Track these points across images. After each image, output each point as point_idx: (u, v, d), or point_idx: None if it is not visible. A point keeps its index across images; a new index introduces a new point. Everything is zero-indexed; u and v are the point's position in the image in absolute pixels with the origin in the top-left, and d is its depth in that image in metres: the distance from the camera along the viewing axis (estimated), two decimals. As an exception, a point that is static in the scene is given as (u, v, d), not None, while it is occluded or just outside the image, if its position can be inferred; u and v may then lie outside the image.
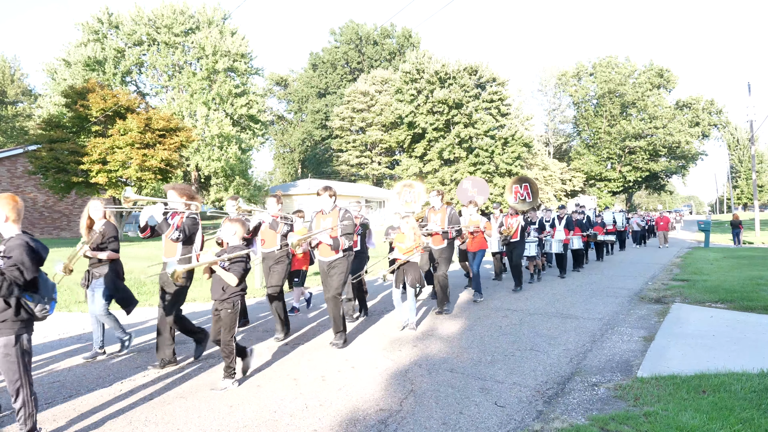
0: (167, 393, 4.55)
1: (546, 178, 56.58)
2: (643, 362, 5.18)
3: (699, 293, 9.11)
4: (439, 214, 7.97)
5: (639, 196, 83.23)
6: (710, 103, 57.75)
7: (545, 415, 3.96)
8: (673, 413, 3.72)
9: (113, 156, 22.10)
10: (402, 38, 67.85)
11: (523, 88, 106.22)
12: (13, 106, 53.39)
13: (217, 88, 39.49)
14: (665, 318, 7.22)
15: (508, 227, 10.21)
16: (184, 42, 41.18)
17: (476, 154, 47.17)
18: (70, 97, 23.71)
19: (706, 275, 11.69)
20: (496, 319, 7.47)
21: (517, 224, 10.15)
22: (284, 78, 72.39)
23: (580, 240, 13.36)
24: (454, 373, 5.00)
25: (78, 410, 4.16)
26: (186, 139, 25.08)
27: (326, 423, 3.89)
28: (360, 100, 56.34)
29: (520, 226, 10.20)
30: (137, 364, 5.47)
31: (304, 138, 67.14)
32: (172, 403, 4.30)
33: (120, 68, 40.58)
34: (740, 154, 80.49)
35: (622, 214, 21.31)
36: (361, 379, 4.88)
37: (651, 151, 57.56)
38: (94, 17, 40.48)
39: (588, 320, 7.37)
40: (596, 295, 9.64)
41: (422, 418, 3.92)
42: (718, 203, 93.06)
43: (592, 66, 61.56)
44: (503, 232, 10.15)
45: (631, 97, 56.97)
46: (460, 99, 47.34)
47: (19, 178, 25.71)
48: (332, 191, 6.35)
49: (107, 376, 5.04)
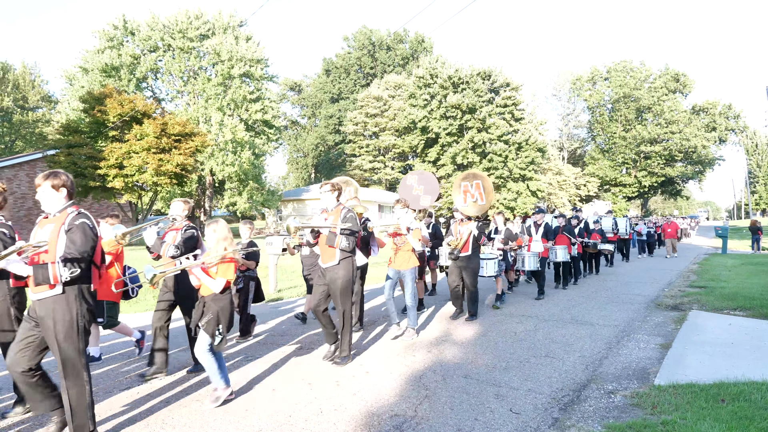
0: (184, 397, 4.59)
1: (560, 183, 56.26)
2: (661, 370, 5.12)
3: (717, 300, 8.99)
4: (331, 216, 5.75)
5: (655, 201, 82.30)
6: (728, 108, 56.99)
7: (561, 423, 3.94)
8: (691, 422, 3.67)
9: (130, 161, 22.38)
10: (415, 43, 67.96)
11: (537, 93, 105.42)
12: (33, 112, 54.34)
13: (231, 94, 39.80)
14: (682, 325, 7.13)
15: (457, 236, 7.99)
16: (199, 47, 41.60)
17: (490, 158, 47.03)
18: (87, 102, 24.08)
19: (724, 282, 11.52)
20: (510, 325, 7.43)
21: (468, 233, 7.88)
22: (298, 83, 72.83)
23: (566, 251, 11.12)
24: (468, 379, 4.98)
25: (95, 412, 4.20)
26: (201, 144, 25.33)
27: (341, 428, 3.89)
28: (373, 105, 56.46)
29: (472, 235, 7.89)
30: (154, 367, 5.51)
31: (317, 143, 67.41)
32: (188, 407, 4.34)
33: (136, 74, 41.10)
34: (759, 159, 79.44)
35: (626, 219, 19.03)
36: (375, 384, 4.88)
37: (667, 156, 56.93)
38: (110, 24, 41.08)
39: (604, 327, 7.30)
40: (612, 301, 9.55)
41: (437, 424, 3.92)
42: (736, 209, 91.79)
43: (607, 70, 61.11)
44: (450, 243, 7.96)
45: (646, 101, 56.43)
46: (473, 104, 47.27)
47: (38, 183, 26.10)
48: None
49: (124, 380, 5.10)
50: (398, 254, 6.72)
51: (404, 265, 6.68)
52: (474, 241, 7.86)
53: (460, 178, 8.81)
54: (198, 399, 4.51)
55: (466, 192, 8.63)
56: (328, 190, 5.70)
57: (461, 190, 8.70)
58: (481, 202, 8.55)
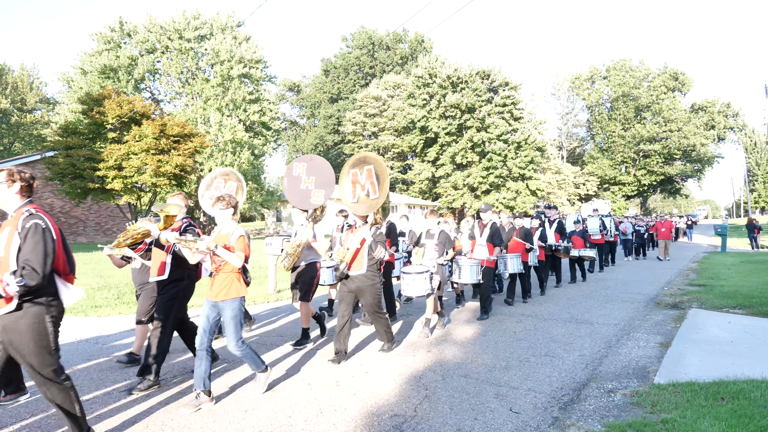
0: (183, 398, 4.58)
1: (559, 182, 56.30)
2: (660, 368, 5.12)
3: (716, 298, 8.99)
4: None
5: (654, 200, 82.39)
6: (726, 106, 57.11)
7: (561, 422, 3.93)
8: (691, 421, 3.67)
9: (129, 162, 22.34)
10: (414, 43, 68.02)
11: (536, 92, 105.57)
12: (32, 114, 54.35)
13: (230, 95, 39.83)
14: (682, 324, 7.13)
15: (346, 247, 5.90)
16: (197, 48, 41.62)
17: (489, 158, 47.06)
18: (86, 104, 24.03)
19: (723, 280, 11.52)
20: (510, 325, 7.43)
21: (359, 242, 5.78)
22: (297, 84, 72.89)
23: (518, 261, 9.01)
24: (468, 379, 4.98)
25: (95, 414, 4.20)
26: (200, 145, 25.29)
27: (341, 428, 3.89)
28: (372, 105, 56.50)
29: (366, 245, 5.81)
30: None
31: (316, 143, 67.46)
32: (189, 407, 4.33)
33: (134, 75, 41.12)
34: (758, 157, 79.55)
35: (611, 219, 16.80)
36: (375, 385, 4.87)
37: (666, 155, 57.05)
38: (108, 27, 41.12)
39: (603, 326, 7.30)
40: (611, 300, 9.55)
41: (437, 424, 3.91)
42: (735, 207, 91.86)
43: (606, 69, 61.24)
44: (337, 255, 5.85)
45: (645, 100, 56.53)
46: (472, 103, 47.30)
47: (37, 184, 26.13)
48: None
49: (124, 381, 5.09)
50: (217, 277, 4.57)
51: (223, 294, 4.50)
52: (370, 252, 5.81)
53: (348, 164, 6.38)
54: (197, 400, 4.50)
55: (355, 183, 6.24)
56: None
57: (349, 180, 6.30)
58: (374, 196, 6.04)
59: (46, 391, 3.29)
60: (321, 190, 6.86)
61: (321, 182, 6.88)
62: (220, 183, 7.30)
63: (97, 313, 8.72)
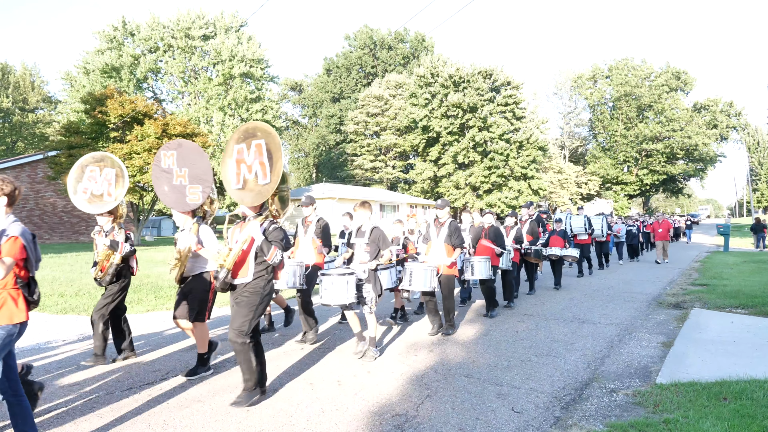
0: (185, 397, 4.58)
1: (561, 181, 56.25)
2: (662, 368, 5.11)
3: (719, 298, 8.97)
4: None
5: (657, 199, 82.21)
6: (729, 105, 56.97)
7: (563, 422, 3.93)
8: (693, 421, 3.66)
9: (131, 161, 22.38)
10: (416, 42, 67.96)
11: (538, 92, 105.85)
12: (34, 113, 54.47)
13: (233, 94, 39.87)
14: (684, 323, 7.12)
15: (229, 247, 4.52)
16: (200, 47, 41.66)
17: (491, 157, 47.06)
18: (89, 103, 24.09)
19: (726, 280, 11.50)
20: (512, 324, 7.43)
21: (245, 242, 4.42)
22: (299, 83, 72.86)
23: (487, 265, 7.65)
24: (470, 379, 4.98)
25: (97, 414, 4.21)
26: (202, 145, 25.34)
27: (342, 428, 3.89)
28: (374, 104, 56.48)
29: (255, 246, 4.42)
30: (155, 368, 5.51)
31: (318, 142, 67.45)
32: (190, 407, 4.33)
33: (136, 74, 41.18)
34: (761, 157, 79.27)
35: (602, 218, 15.45)
36: (377, 384, 4.87)
37: (668, 154, 56.89)
38: (110, 26, 41.18)
39: (605, 325, 7.29)
40: (613, 299, 9.54)
41: (438, 424, 3.91)
42: (738, 206, 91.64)
43: (608, 68, 61.08)
44: (216, 258, 4.57)
45: (647, 99, 56.38)
46: (474, 103, 47.28)
47: (39, 184, 26.16)
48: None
49: (126, 380, 5.10)
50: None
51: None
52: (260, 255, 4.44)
53: (233, 138, 4.66)
54: (199, 399, 4.50)
55: (240, 163, 4.60)
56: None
57: (233, 159, 4.64)
58: (263, 181, 4.45)
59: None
60: (197, 186, 5.27)
61: (195, 175, 5.30)
62: (95, 171, 5.67)
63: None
